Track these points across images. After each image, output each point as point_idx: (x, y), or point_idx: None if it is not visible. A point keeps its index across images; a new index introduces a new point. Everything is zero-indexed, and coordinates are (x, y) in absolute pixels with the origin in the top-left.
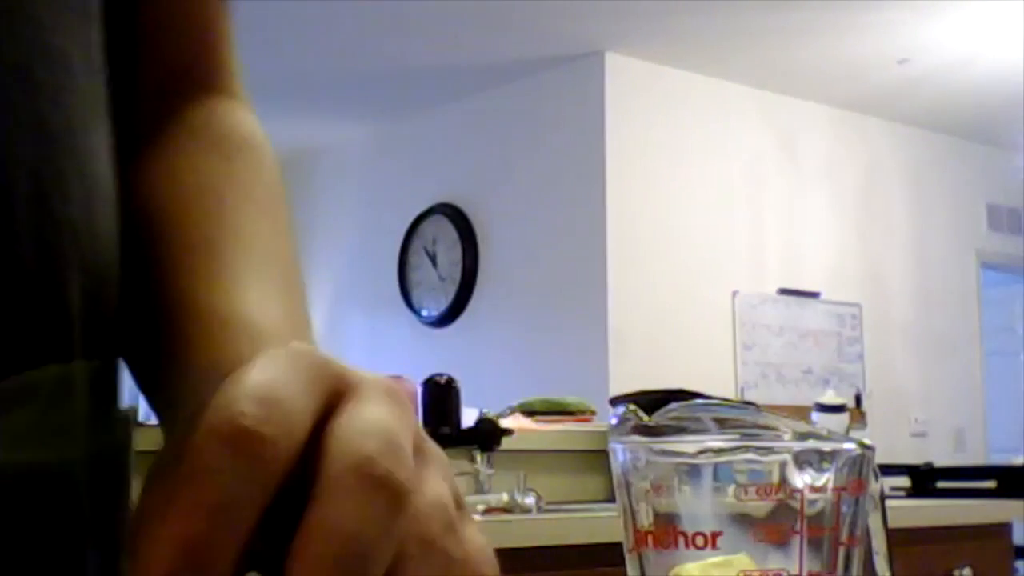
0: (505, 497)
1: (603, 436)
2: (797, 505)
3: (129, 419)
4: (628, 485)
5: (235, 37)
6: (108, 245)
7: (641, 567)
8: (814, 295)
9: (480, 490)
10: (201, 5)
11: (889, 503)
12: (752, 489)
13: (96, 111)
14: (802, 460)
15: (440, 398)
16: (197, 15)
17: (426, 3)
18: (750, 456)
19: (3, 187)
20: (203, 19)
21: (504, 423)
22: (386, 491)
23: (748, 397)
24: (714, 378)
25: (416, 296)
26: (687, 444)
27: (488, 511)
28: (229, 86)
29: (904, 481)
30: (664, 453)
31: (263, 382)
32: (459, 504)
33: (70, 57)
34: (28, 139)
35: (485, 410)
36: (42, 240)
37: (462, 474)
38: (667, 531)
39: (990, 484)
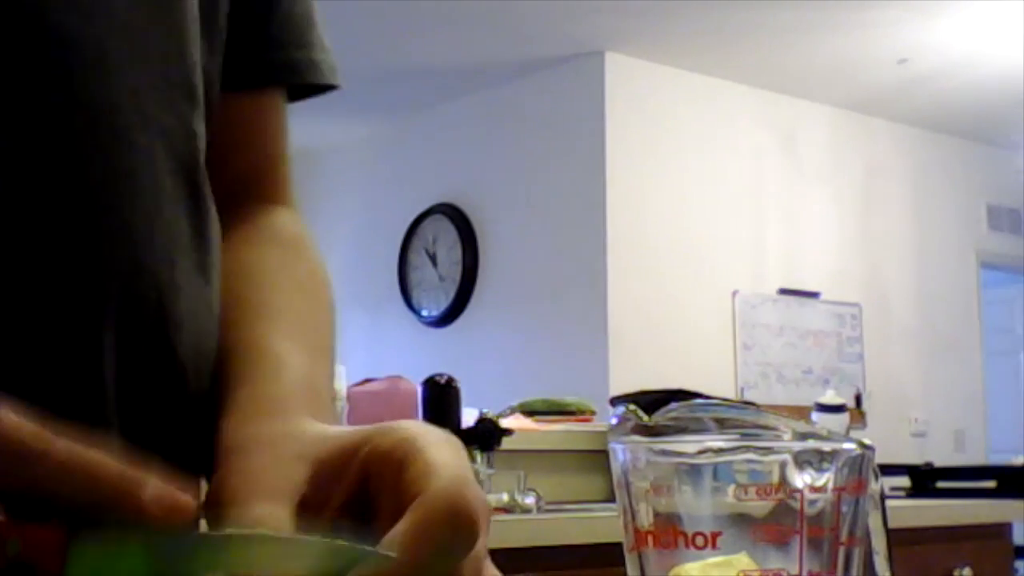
0: (505, 497)
1: (603, 436)
2: (797, 505)
3: None
4: (628, 485)
5: (289, 144)
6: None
7: (641, 567)
8: (814, 295)
9: None
10: (267, 125)
11: (889, 503)
12: (752, 489)
13: (178, 208)
14: (802, 460)
15: (440, 398)
16: (264, 134)
17: (426, 3)
18: (750, 456)
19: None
20: (268, 138)
21: (504, 423)
22: (468, 525)
23: (748, 397)
24: (714, 378)
25: (416, 296)
26: (687, 444)
27: None
28: (285, 197)
29: (904, 481)
30: (664, 453)
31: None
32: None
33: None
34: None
35: (485, 410)
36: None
37: None
38: (667, 531)
39: (990, 484)
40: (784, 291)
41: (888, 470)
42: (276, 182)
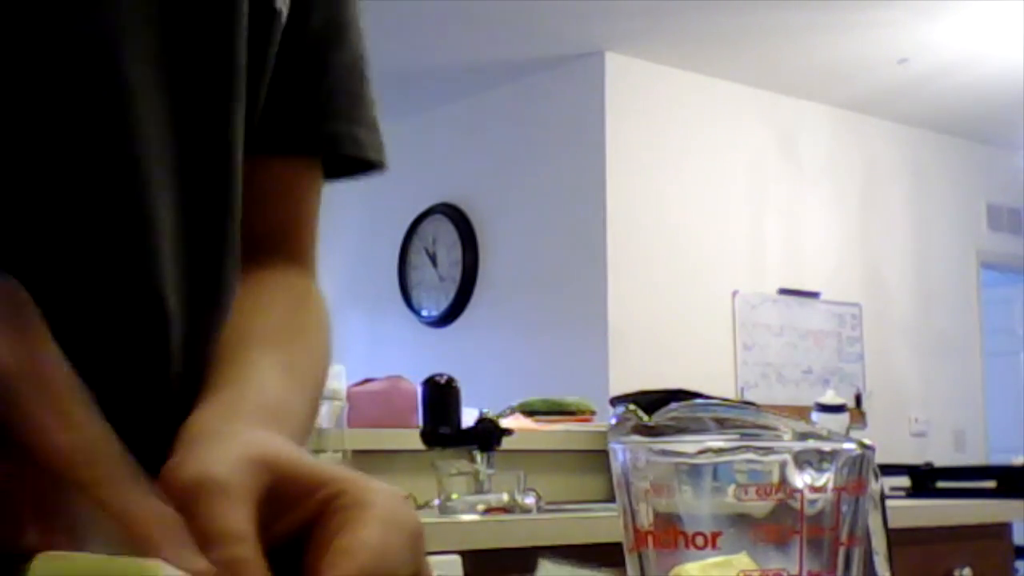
0: (505, 497)
1: (603, 436)
2: (797, 505)
3: None
4: (628, 485)
5: (318, 212)
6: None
7: (641, 567)
8: (814, 295)
9: (480, 490)
10: (297, 189)
11: (889, 503)
12: (752, 489)
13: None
14: (802, 460)
15: (440, 398)
16: (293, 196)
17: (426, 3)
18: (750, 456)
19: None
20: (297, 201)
21: (504, 423)
22: None
23: (748, 397)
24: (714, 378)
25: (416, 296)
26: (687, 444)
27: (488, 511)
28: (305, 260)
29: (904, 481)
30: (664, 453)
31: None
32: None
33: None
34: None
35: (485, 410)
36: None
37: (462, 474)
38: (667, 531)
39: (990, 484)
40: (784, 291)
41: (888, 470)
42: (298, 245)
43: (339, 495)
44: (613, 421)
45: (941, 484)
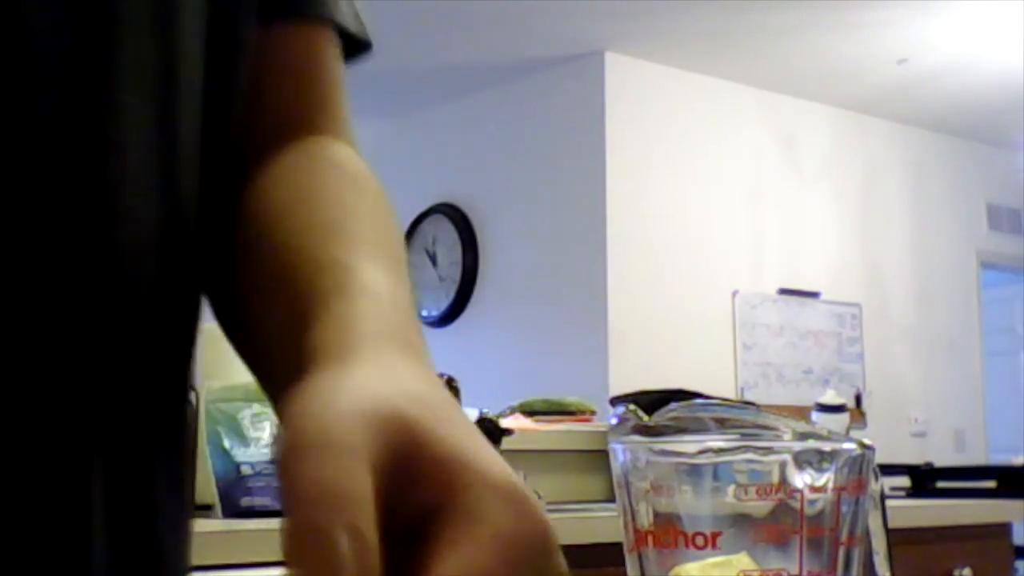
0: None
1: (603, 436)
2: (797, 505)
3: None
4: (628, 485)
5: (343, 83)
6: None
7: (641, 567)
8: (814, 295)
9: None
10: (315, 56)
11: (889, 503)
12: (752, 489)
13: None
14: (802, 460)
15: None
16: (312, 65)
17: (426, 3)
18: (750, 456)
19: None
20: (317, 69)
21: (504, 423)
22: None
23: (748, 397)
24: (714, 378)
25: (416, 296)
26: (687, 444)
27: None
28: (338, 130)
29: (904, 481)
30: (664, 453)
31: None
32: None
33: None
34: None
35: (485, 410)
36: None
37: None
38: (667, 531)
39: (990, 484)
40: (784, 291)
41: (888, 470)
42: (329, 116)
43: (460, 491)
44: (613, 421)
45: (941, 484)
